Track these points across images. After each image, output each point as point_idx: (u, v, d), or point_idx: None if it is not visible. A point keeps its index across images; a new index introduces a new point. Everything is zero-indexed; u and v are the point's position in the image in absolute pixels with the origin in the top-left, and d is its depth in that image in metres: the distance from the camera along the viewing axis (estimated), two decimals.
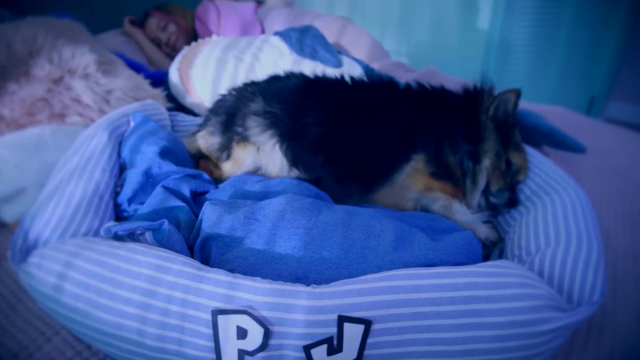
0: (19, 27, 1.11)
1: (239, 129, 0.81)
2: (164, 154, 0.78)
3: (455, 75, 1.65)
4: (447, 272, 0.52)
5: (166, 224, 0.61)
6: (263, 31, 1.80)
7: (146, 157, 0.76)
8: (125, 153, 0.79)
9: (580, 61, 2.61)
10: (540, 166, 0.88)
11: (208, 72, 1.20)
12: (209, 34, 1.77)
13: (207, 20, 1.77)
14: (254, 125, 0.80)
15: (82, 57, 1.08)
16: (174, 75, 1.25)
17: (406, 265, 0.59)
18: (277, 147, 0.79)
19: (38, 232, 0.64)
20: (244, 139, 0.81)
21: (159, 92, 1.17)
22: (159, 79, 1.44)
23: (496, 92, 0.86)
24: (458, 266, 0.55)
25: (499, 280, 0.51)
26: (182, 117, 1.11)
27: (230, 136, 0.82)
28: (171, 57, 1.82)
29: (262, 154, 0.80)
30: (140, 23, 1.87)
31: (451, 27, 2.41)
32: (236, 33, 1.73)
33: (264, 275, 0.56)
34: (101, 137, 0.78)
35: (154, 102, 1.06)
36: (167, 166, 0.75)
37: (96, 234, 0.68)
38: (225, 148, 0.84)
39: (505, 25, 2.28)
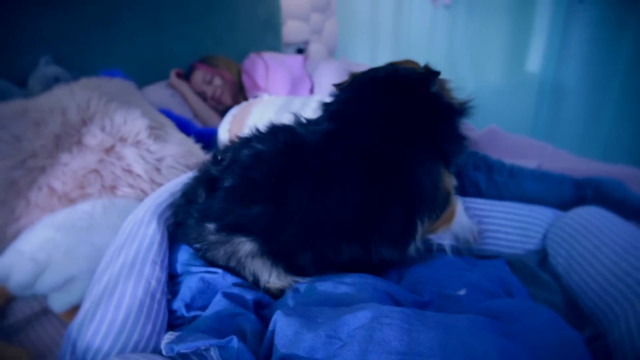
0: (73, 92, 1.10)
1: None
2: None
3: (504, 120, 1.53)
4: None
5: (235, 342, 0.53)
6: (312, 86, 1.75)
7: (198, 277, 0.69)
8: (176, 265, 0.73)
9: (637, 105, 2.45)
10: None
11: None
12: (257, 88, 1.74)
13: (254, 75, 1.74)
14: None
15: (134, 123, 1.04)
16: (223, 136, 1.20)
17: None
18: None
19: (87, 343, 0.57)
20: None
21: (207, 155, 1.12)
22: (207, 137, 1.41)
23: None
24: None
25: None
26: None
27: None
28: (217, 110, 1.80)
29: None
30: (186, 76, 1.87)
31: (498, 71, 2.32)
32: (286, 88, 1.68)
33: None
34: (149, 225, 0.72)
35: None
36: (232, 278, 0.68)
37: (149, 340, 0.61)
38: None
39: (559, 68, 2.17)
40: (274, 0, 2.27)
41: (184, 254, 0.73)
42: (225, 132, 1.21)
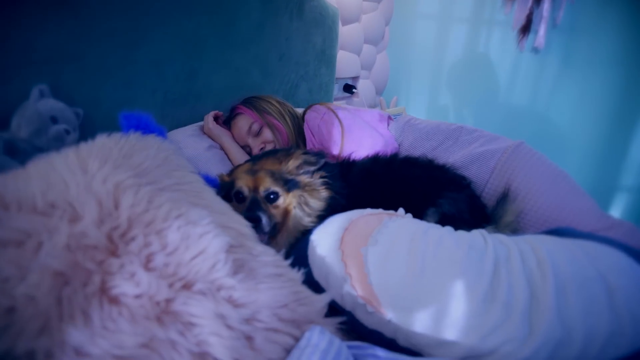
0: (87, 170, 0.62)
1: None
2: None
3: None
4: None
5: None
6: None
7: None
8: None
9: None
10: None
11: (404, 258, 0.68)
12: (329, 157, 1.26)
13: (327, 139, 1.23)
14: None
15: (204, 245, 0.57)
16: (330, 257, 0.73)
17: None
18: None
19: None
20: None
21: (322, 300, 0.65)
22: None
23: None
24: None
25: None
26: (372, 353, 0.59)
27: None
28: None
29: None
30: (227, 121, 1.40)
31: (597, 128, 1.93)
32: None
33: None
34: None
35: (326, 338, 0.56)
36: None
37: None
38: None
39: None
40: (332, 28, 1.84)
41: None
42: (333, 250, 0.73)
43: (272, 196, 0.94)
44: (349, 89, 2.18)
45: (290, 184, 0.95)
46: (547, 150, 1.19)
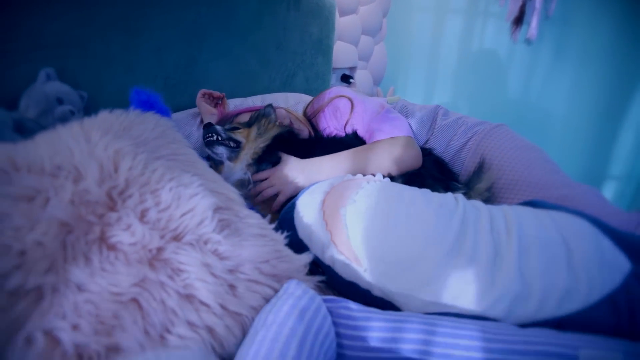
0: (90, 139, 0.69)
1: None
2: None
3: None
4: None
5: None
6: None
7: None
8: None
9: None
10: None
11: (379, 215, 0.74)
12: None
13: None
14: None
15: (193, 204, 0.64)
16: (311, 217, 0.80)
17: None
18: None
19: None
20: None
21: (302, 259, 0.71)
22: None
23: None
24: None
25: None
26: (344, 305, 0.65)
27: None
28: None
29: None
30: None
31: (588, 119, 1.97)
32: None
33: None
34: None
35: (301, 287, 0.62)
36: None
37: None
38: None
39: None
40: (328, 19, 1.90)
41: None
42: (316, 211, 0.80)
43: (234, 129, 1.13)
44: (346, 79, 2.24)
45: (249, 122, 1.16)
46: (538, 139, 1.22)
